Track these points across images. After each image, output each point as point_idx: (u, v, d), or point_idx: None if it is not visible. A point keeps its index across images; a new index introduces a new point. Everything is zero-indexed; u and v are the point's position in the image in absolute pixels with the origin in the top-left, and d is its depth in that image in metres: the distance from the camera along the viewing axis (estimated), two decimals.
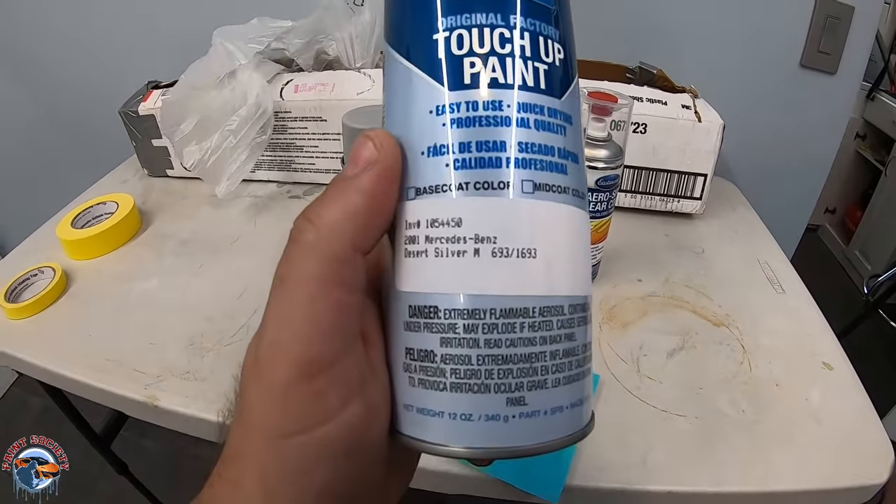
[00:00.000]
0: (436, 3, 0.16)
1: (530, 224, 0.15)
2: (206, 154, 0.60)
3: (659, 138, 0.61)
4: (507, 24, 0.15)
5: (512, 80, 0.15)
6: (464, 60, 0.15)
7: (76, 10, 0.90)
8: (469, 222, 0.15)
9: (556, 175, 0.15)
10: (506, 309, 0.15)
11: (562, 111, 0.16)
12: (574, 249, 0.16)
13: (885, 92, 1.73)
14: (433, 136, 0.15)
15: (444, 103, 0.15)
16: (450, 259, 0.15)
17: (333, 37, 0.67)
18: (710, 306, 0.53)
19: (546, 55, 0.16)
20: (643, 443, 0.40)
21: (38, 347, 0.48)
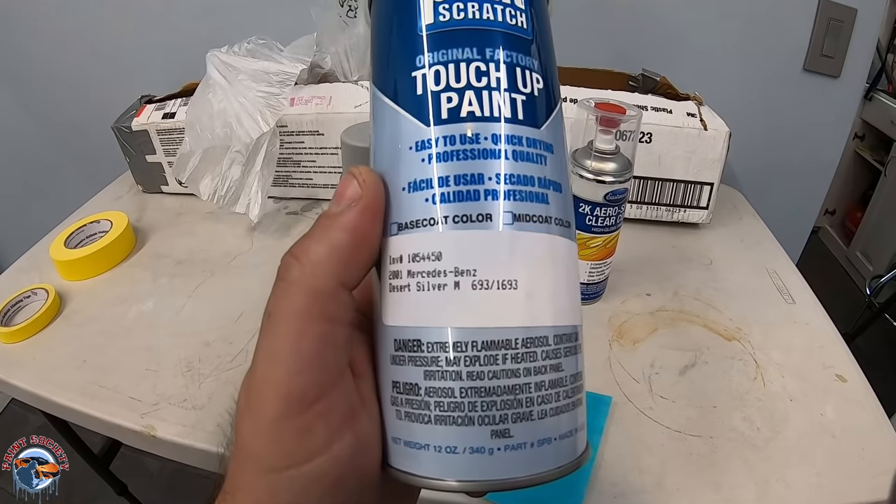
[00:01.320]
0: (412, 42, 0.16)
1: (510, 255, 0.15)
2: (221, 182, 0.58)
3: (664, 147, 0.60)
4: (482, 58, 0.16)
5: (489, 113, 0.15)
6: (441, 96, 0.16)
7: (72, 25, 0.89)
8: (449, 256, 0.15)
9: (536, 205, 0.15)
10: (487, 341, 0.14)
11: (542, 140, 0.16)
12: (557, 279, 0.16)
13: (882, 92, 1.73)
14: (414, 172, 0.16)
15: (423, 139, 0.16)
16: (431, 293, 0.15)
17: (328, 50, 0.67)
18: (720, 320, 0.52)
19: (524, 86, 0.16)
20: (658, 466, 0.38)
21: (32, 373, 0.47)
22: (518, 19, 0.16)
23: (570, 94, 0.61)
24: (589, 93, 0.62)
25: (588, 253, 0.48)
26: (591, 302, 0.53)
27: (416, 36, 0.16)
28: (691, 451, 0.40)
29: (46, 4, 0.88)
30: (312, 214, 0.68)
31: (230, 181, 0.59)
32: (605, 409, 0.42)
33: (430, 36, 0.16)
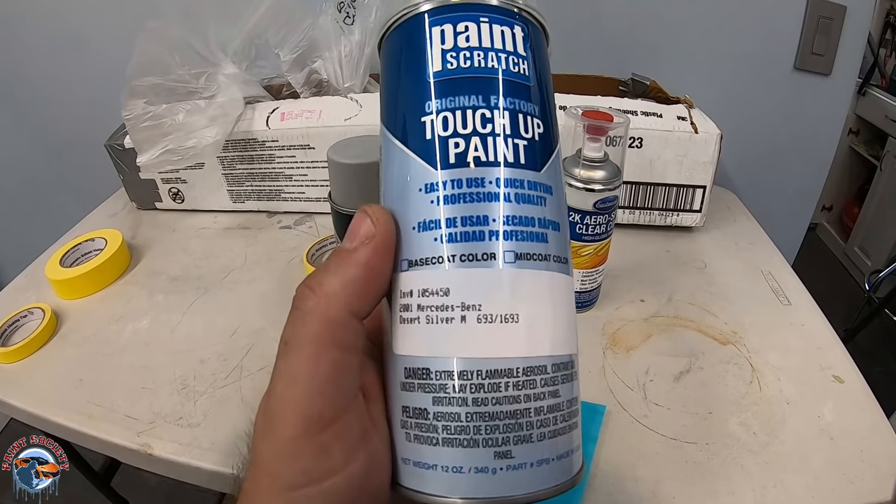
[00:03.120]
0: (422, 88, 0.18)
1: (512, 291, 0.16)
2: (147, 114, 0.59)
3: (655, 152, 0.60)
4: (487, 105, 0.17)
5: (494, 158, 0.17)
6: (448, 141, 0.17)
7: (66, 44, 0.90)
8: (456, 291, 0.16)
9: (536, 244, 0.17)
10: (491, 370, 0.16)
11: (542, 183, 0.17)
12: (555, 312, 0.17)
13: (876, 87, 1.73)
14: (423, 213, 0.17)
15: (431, 182, 0.17)
16: (439, 325, 0.16)
17: (323, 56, 0.67)
18: (715, 324, 0.52)
19: (525, 131, 0.17)
20: (654, 475, 0.38)
21: (29, 392, 0.47)
22: (520, 67, 0.18)
23: (559, 101, 0.61)
24: (578, 99, 0.62)
25: (579, 261, 0.48)
26: (584, 310, 0.53)
27: (425, 83, 0.18)
28: (687, 458, 0.39)
29: (41, 24, 0.89)
30: (305, 228, 0.68)
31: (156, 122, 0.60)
32: (599, 419, 0.41)
33: (438, 83, 0.17)
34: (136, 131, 0.60)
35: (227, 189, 0.69)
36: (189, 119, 0.59)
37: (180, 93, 0.61)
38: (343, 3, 0.64)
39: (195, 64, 0.62)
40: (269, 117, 0.64)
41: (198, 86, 0.61)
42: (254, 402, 0.44)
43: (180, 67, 0.61)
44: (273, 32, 0.65)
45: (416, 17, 0.18)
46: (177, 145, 0.59)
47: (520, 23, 0.18)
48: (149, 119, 0.59)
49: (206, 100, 0.61)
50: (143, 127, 0.59)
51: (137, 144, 0.62)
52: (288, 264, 0.61)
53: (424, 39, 0.18)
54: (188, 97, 0.61)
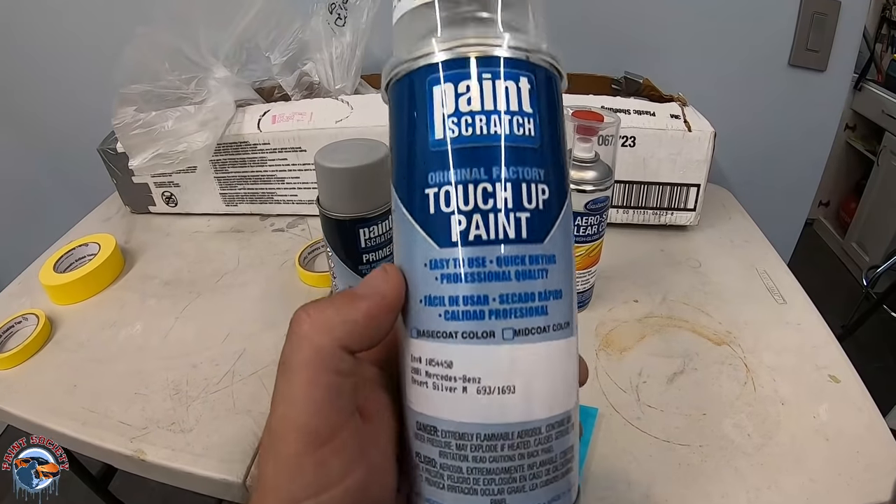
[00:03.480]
0: (424, 157, 0.17)
1: (509, 365, 0.17)
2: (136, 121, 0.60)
3: (649, 150, 0.60)
4: (489, 178, 0.17)
5: (494, 236, 0.17)
6: (451, 218, 0.17)
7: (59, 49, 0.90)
8: (458, 365, 0.17)
9: (535, 318, 0.17)
10: (488, 434, 0.17)
11: (544, 254, 0.17)
12: (552, 379, 0.18)
13: (872, 82, 1.73)
14: (428, 288, 0.17)
15: (435, 258, 0.17)
16: (444, 393, 0.17)
17: (314, 58, 0.67)
18: (710, 324, 0.52)
19: (529, 202, 0.17)
20: (646, 477, 0.38)
21: (24, 399, 0.47)
22: (525, 127, 0.17)
23: None
24: (571, 98, 0.61)
25: None
26: (577, 311, 0.53)
27: (427, 152, 0.17)
28: (680, 460, 0.39)
29: (34, 29, 0.89)
30: (298, 231, 0.68)
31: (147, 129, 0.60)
32: (591, 422, 0.41)
33: (439, 153, 0.17)
34: (126, 138, 0.60)
35: (219, 192, 0.69)
36: (179, 125, 0.59)
37: (170, 99, 0.61)
38: (334, 5, 0.63)
39: (185, 69, 0.61)
40: (260, 120, 0.64)
41: (188, 91, 0.61)
42: (246, 407, 0.44)
43: (170, 73, 0.60)
44: (263, 35, 0.65)
45: (418, 72, 0.18)
46: (168, 150, 0.59)
47: (528, 73, 0.17)
48: (139, 127, 0.59)
49: (196, 105, 0.60)
50: (134, 134, 0.59)
51: (128, 150, 0.62)
52: (280, 267, 0.61)
53: (425, 100, 0.17)
54: (178, 103, 0.61)
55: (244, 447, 0.41)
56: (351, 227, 0.39)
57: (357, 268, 0.41)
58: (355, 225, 0.39)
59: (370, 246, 0.40)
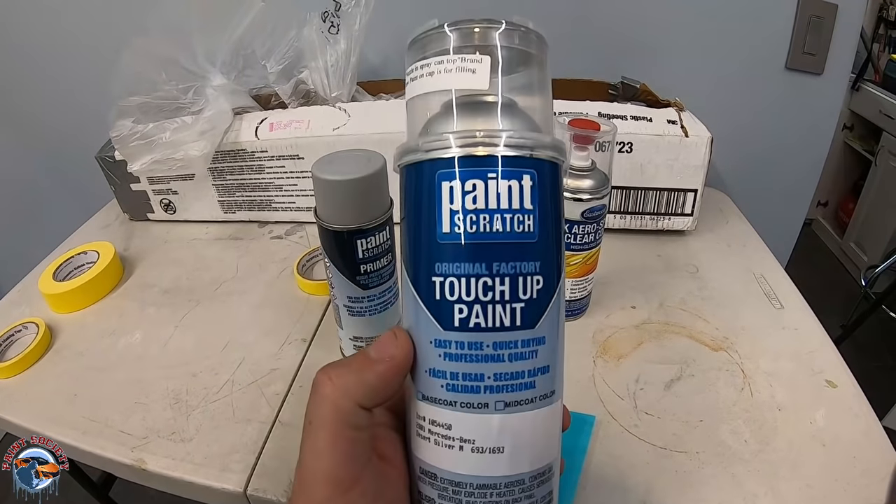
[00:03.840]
0: (431, 247, 0.19)
1: (499, 431, 0.20)
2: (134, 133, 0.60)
3: (646, 156, 0.60)
4: (490, 273, 0.19)
5: (491, 324, 0.19)
6: (454, 306, 0.19)
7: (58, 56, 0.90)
8: (456, 428, 0.20)
9: (524, 392, 0.20)
10: (480, 484, 0.20)
11: (535, 338, 0.20)
12: (536, 440, 0.20)
13: (869, 82, 1.73)
14: (433, 362, 0.20)
15: (439, 338, 0.20)
16: (444, 449, 0.20)
17: (309, 66, 0.67)
18: (707, 330, 0.52)
19: (524, 293, 0.19)
20: (643, 485, 0.38)
21: (24, 408, 0.47)
22: (525, 224, 0.19)
23: None
24: (568, 105, 0.62)
25: (568, 271, 0.48)
26: (574, 318, 0.53)
27: (435, 243, 0.19)
28: (677, 467, 0.39)
29: (33, 36, 0.89)
30: (296, 238, 0.68)
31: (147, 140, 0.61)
32: (588, 429, 0.41)
33: (446, 246, 0.19)
34: (125, 149, 0.61)
35: (217, 199, 0.69)
36: (177, 136, 0.60)
37: (168, 109, 0.61)
38: (327, 13, 0.63)
39: (182, 78, 0.62)
40: (257, 128, 0.64)
41: (185, 100, 0.61)
42: (246, 417, 0.44)
43: (167, 83, 0.61)
44: (259, 43, 0.65)
45: (429, 164, 0.19)
46: (165, 157, 0.59)
47: (530, 170, 0.19)
48: (137, 138, 0.59)
49: (193, 115, 0.61)
50: (132, 146, 0.60)
51: (127, 158, 0.62)
52: (279, 275, 0.61)
53: (434, 193, 0.19)
54: (176, 113, 0.62)
55: (244, 456, 0.41)
56: (348, 238, 0.39)
57: (355, 278, 0.41)
58: (353, 236, 0.39)
59: (368, 256, 0.40)
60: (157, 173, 0.63)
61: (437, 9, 0.78)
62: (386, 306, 0.44)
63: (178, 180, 0.67)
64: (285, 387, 0.47)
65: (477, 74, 0.20)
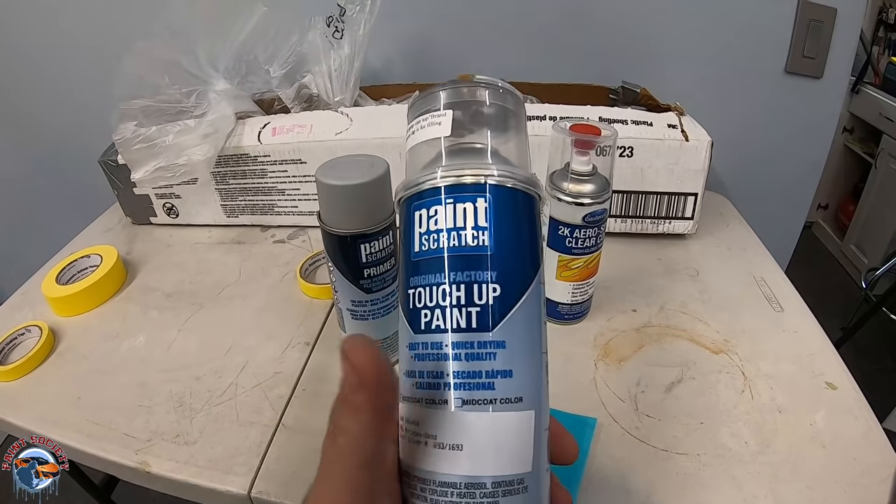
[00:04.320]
0: (407, 265, 0.23)
1: (458, 428, 0.21)
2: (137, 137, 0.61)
3: (646, 160, 0.60)
4: (447, 281, 0.21)
5: (449, 326, 0.21)
6: (420, 312, 0.22)
7: (61, 59, 0.90)
8: (422, 424, 0.21)
9: (482, 392, 0.21)
10: (442, 482, 0.21)
11: (492, 340, 0.21)
12: (499, 443, 0.21)
13: (869, 84, 1.73)
14: (408, 364, 0.22)
15: (411, 342, 0.22)
16: (414, 445, 0.21)
17: (312, 70, 0.67)
18: (707, 333, 0.52)
19: (479, 298, 0.21)
20: (644, 487, 0.39)
21: (28, 410, 0.47)
22: (480, 239, 0.22)
23: (549, 112, 0.62)
24: (568, 109, 0.62)
25: (570, 274, 0.49)
26: (576, 322, 0.53)
27: (409, 262, 0.22)
28: (678, 469, 0.40)
29: (36, 40, 0.89)
30: (299, 242, 0.68)
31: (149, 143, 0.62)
32: (589, 432, 0.42)
33: (415, 263, 0.22)
34: (127, 153, 0.61)
35: (220, 204, 0.69)
36: (180, 139, 0.60)
37: (171, 113, 0.62)
38: (332, 18, 0.64)
39: (185, 82, 0.62)
40: (260, 132, 0.64)
41: (188, 104, 0.61)
42: (249, 420, 0.45)
43: (170, 87, 0.61)
44: (262, 48, 0.65)
45: (408, 199, 0.23)
46: (169, 163, 0.60)
47: (485, 193, 0.22)
48: (140, 142, 0.60)
49: (196, 119, 0.61)
50: (135, 149, 0.60)
51: (130, 164, 0.62)
52: (282, 279, 0.61)
53: (410, 222, 0.23)
54: (179, 117, 0.62)
55: (248, 459, 0.42)
56: (352, 243, 0.39)
57: (358, 282, 0.41)
58: (356, 240, 0.39)
59: (371, 261, 0.41)
60: (161, 182, 0.63)
61: (440, 15, 0.79)
62: (389, 310, 0.44)
63: (181, 184, 0.67)
64: (289, 390, 0.47)
65: (442, 126, 0.23)
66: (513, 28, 0.80)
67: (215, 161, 0.64)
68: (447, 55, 0.83)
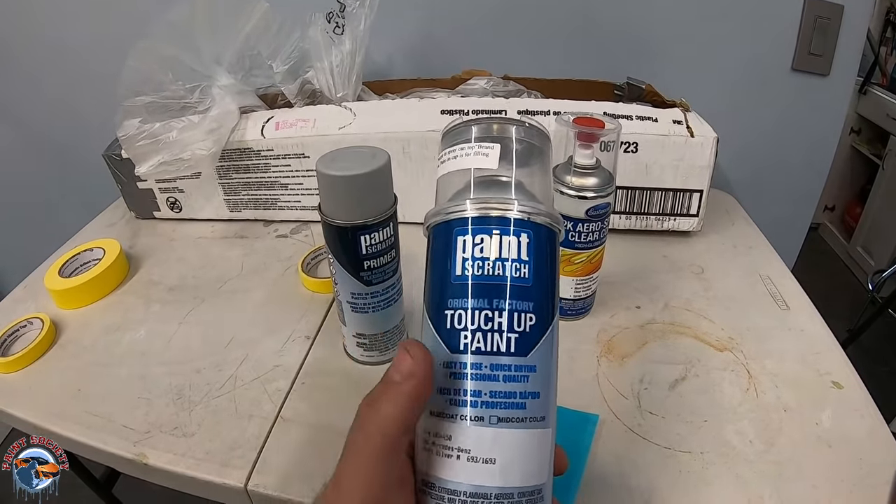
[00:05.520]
0: (446, 287, 0.23)
1: (492, 444, 0.22)
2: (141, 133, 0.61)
3: (651, 156, 0.60)
4: (490, 307, 0.23)
5: (490, 349, 0.23)
6: (460, 333, 0.23)
7: (65, 55, 0.90)
8: (455, 439, 0.22)
9: (515, 411, 0.23)
10: (473, 493, 0.22)
11: (526, 365, 0.23)
12: (526, 457, 0.23)
13: (877, 85, 1.72)
14: (440, 381, 0.23)
15: (448, 360, 0.23)
16: (443, 459, 0.23)
17: (315, 66, 0.67)
18: (712, 330, 0.51)
19: (518, 326, 0.23)
20: (646, 485, 0.38)
21: (28, 402, 0.47)
22: (521, 271, 0.23)
23: (554, 108, 0.61)
24: (573, 105, 0.62)
25: (573, 269, 0.48)
26: (579, 318, 0.53)
27: (449, 283, 0.23)
28: (681, 468, 0.39)
29: (40, 34, 0.89)
30: (301, 237, 0.68)
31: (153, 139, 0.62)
32: (591, 429, 0.41)
33: (457, 285, 0.23)
34: (132, 149, 0.61)
35: (223, 198, 0.69)
36: (183, 135, 0.60)
37: (174, 109, 0.62)
38: (332, 14, 0.64)
39: (188, 78, 0.62)
40: (263, 127, 0.64)
41: (192, 100, 0.61)
42: (248, 412, 0.44)
43: (173, 83, 0.61)
44: (265, 44, 0.65)
45: (449, 224, 0.24)
46: (173, 158, 0.59)
47: (528, 229, 0.23)
48: (144, 138, 0.60)
49: (200, 114, 0.61)
50: (139, 145, 0.60)
51: (134, 159, 0.62)
52: (283, 273, 0.61)
53: (452, 245, 0.24)
54: (182, 112, 0.62)
55: (246, 452, 0.41)
56: (352, 234, 0.39)
57: (358, 274, 0.41)
58: (356, 232, 0.39)
59: (371, 252, 0.40)
60: (165, 176, 0.63)
61: (441, 11, 0.79)
62: (389, 303, 0.44)
63: (185, 179, 0.67)
64: (288, 383, 0.47)
65: (489, 157, 0.25)
66: (516, 23, 0.79)
67: (219, 156, 0.63)
68: (450, 51, 0.82)
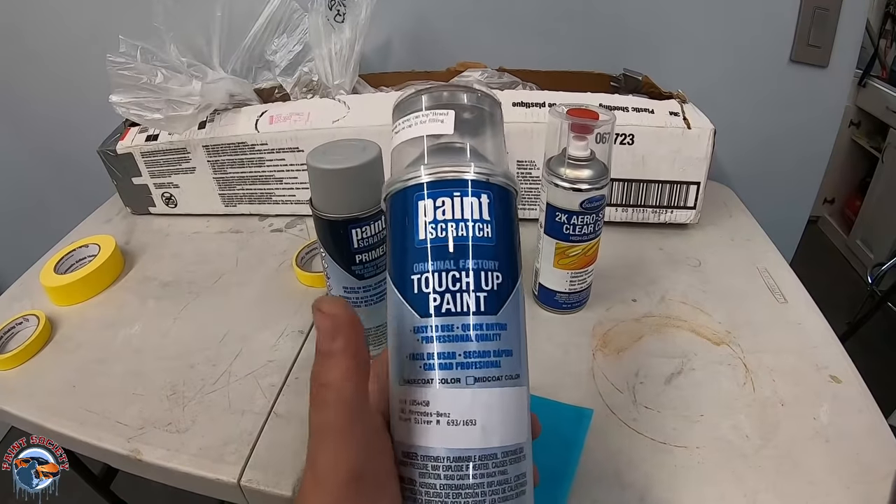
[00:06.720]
0: (411, 253, 0.23)
1: (471, 405, 0.22)
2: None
3: (648, 148, 0.59)
4: (457, 268, 0.23)
5: (460, 309, 0.22)
6: (429, 296, 0.23)
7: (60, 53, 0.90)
8: (432, 404, 0.22)
9: (491, 370, 0.22)
10: (456, 457, 0.22)
11: (497, 323, 0.23)
12: (505, 416, 0.23)
13: (876, 78, 1.71)
14: (412, 347, 0.23)
15: (418, 325, 0.23)
16: (422, 426, 0.22)
17: (314, 54, 0.66)
18: (709, 324, 0.51)
19: (486, 285, 0.23)
20: (641, 480, 0.38)
21: (24, 399, 0.47)
22: (484, 230, 0.23)
23: (549, 99, 0.61)
24: (568, 97, 0.61)
25: (567, 262, 0.48)
26: (574, 311, 0.52)
27: (414, 249, 0.23)
28: (676, 463, 0.39)
29: (36, 31, 0.89)
30: (296, 231, 0.68)
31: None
32: (586, 423, 0.41)
33: (421, 250, 0.23)
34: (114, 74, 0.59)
35: (218, 193, 0.69)
36: (169, 84, 0.59)
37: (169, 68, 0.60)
38: (334, 1, 0.63)
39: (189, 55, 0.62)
40: (257, 121, 0.64)
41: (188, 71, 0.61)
42: (241, 408, 0.44)
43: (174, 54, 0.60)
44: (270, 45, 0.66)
45: (408, 189, 0.24)
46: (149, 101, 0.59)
47: (487, 190, 0.24)
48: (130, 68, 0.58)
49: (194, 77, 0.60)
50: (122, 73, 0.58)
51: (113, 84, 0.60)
52: (278, 268, 0.61)
53: (413, 211, 0.24)
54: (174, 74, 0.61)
55: (239, 447, 0.41)
56: (343, 228, 0.39)
57: (350, 268, 0.41)
58: (348, 225, 0.39)
59: (363, 246, 0.40)
60: (132, 118, 0.61)
61: (436, 2, 0.78)
62: (382, 297, 0.44)
63: (180, 174, 0.67)
64: (281, 378, 0.47)
65: (444, 123, 0.25)
66: (512, 15, 0.79)
67: (195, 126, 0.63)
68: (445, 43, 0.82)
